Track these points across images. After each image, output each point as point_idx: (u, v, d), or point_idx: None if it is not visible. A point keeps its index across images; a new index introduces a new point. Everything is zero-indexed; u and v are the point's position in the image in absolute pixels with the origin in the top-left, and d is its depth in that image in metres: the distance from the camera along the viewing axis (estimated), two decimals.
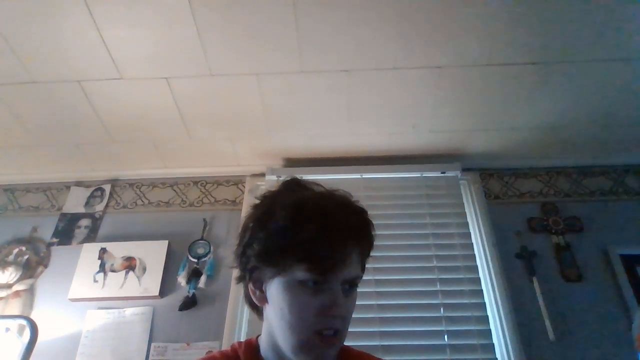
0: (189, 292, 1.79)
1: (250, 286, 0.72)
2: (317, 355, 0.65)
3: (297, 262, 0.64)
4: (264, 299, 0.70)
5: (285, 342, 0.66)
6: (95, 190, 2.15)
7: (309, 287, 0.64)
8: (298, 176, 0.77)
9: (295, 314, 0.64)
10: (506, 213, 1.95)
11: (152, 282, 1.82)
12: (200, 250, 1.90)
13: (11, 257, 1.93)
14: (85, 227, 2.03)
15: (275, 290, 0.67)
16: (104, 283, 1.83)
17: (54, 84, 1.69)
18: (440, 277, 1.78)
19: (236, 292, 1.79)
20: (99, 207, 2.09)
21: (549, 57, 1.61)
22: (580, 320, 1.67)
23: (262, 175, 2.07)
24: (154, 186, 2.16)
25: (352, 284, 0.68)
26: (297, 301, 0.64)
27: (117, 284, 1.83)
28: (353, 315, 0.69)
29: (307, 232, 0.63)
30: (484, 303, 1.73)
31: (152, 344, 1.70)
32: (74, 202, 2.12)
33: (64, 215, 2.08)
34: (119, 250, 1.91)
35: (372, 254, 0.73)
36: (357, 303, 0.70)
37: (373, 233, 0.72)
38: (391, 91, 1.75)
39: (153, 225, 2.01)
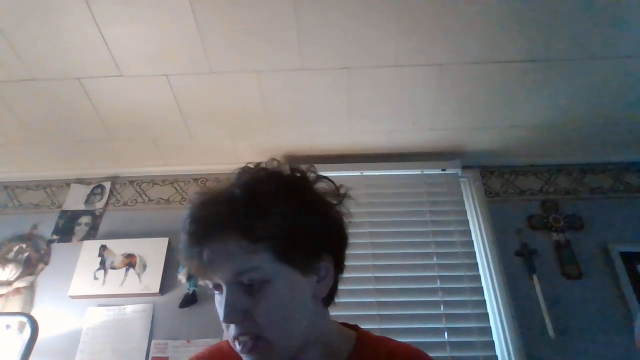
0: (189, 289, 1.79)
1: None
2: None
3: None
4: None
5: None
6: (96, 187, 2.15)
7: (216, 293, 0.62)
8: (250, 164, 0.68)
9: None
10: (506, 211, 1.95)
11: (152, 280, 1.82)
12: None
13: (11, 255, 1.93)
14: (86, 224, 2.03)
15: None
16: (104, 280, 1.83)
17: (54, 81, 1.69)
18: (440, 274, 1.78)
19: None
20: (99, 205, 2.09)
21: (549, 54, 1.60)
22: (580, 318, 1.67)
23: None
24: (154, 183, 2.16)
25: (248, 283, 0.58)
26: (216, 308, 0.62)
27: (117, 281, 1.83)
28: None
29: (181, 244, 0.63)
30: (484, 300, 1.74)
31: (153, 341, 1.70)
32: (74, 200, 2.12)
33: (64, 212, 2.08)
34: (119, 247, 1.91)
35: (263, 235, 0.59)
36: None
37: (235, 215, 0.58)
38: (391, 88, 1.75)
39: (153, 222, 2.00)
